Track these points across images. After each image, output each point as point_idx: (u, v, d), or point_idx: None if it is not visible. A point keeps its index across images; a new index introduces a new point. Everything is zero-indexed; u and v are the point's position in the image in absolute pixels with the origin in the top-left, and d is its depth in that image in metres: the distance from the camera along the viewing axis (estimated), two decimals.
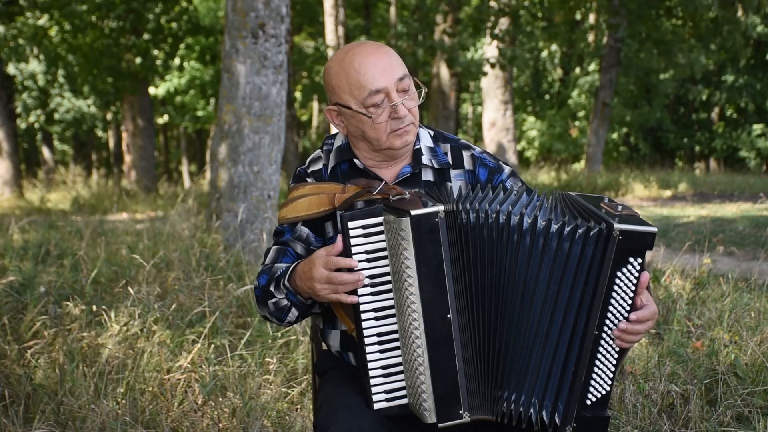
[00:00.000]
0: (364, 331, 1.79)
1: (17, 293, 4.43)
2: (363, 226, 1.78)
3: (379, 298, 1.80)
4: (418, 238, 1.71)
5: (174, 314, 4.03)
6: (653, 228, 1.69)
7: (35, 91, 23.03)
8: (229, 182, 6.12)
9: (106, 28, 16.20)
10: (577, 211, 1.77)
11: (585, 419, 1.74)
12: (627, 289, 1.71)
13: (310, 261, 1.83)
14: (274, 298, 1.93)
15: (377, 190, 1.86)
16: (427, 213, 1.72)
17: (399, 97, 1.89)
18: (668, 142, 27.03)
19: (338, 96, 1.93)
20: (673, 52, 16.57)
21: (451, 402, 1.75)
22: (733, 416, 3.02)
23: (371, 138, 1.93)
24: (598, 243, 1.69)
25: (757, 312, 4.01)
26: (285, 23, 6.20)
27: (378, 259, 1.79)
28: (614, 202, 1.77)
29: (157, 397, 3.24)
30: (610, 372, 1.75)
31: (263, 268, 2.00)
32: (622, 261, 1.68)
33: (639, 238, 1.68)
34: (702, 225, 8.34)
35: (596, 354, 1.73)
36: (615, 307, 1.72)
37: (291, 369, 3.60)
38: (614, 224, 1.67)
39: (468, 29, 17.48)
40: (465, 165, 2.03)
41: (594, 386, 1.74)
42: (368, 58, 1.89)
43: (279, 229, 2.03)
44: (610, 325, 1.72)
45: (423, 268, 1.72)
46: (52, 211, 11.97)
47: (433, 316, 1.73)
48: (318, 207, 1.95)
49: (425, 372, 1.74)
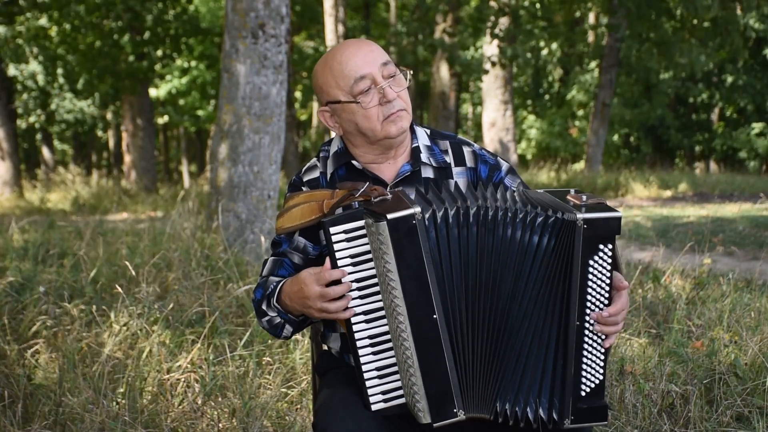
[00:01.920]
0: (356, 335, 1.79)
1: (17, 293, 4.42)
2: (345, 230, 1.77)
3: (367, 301, 1.79)
4: (397, 241, 1.70)
5: (174, 314, 4.03)
6: (617, 213, 1.69)
7: (35, 92, 23.02)
8: (229, 182, 6.12)
9: (105, 28, 16.19)
10: (539, 204, 1.77)
11: (582, 410, 1.75)
12: (602, 275, 1.72)
13: (299, 280, 1.83)
14: (267, 316, 1.95)
15: (359, 192, 1.86)
16: (404, 216, 1.70)
17: (385, 81, 1.90)
18: (669, 140, 27.00)
19: (326, 93, 1.95)
20: (672, 51, 16.57)
21: (444, 401, 1.75)
22: (733, 416, 3.02)
23: (365, 129, 1.93)
24: (563, 234, 1.71)
25: (757, 312, 4.01)
26: (285, 23, 6.20)
27: (363, 263, 1.78)
28: (580, 193, 1.78)
29: (157, 397, 3.24)
30: (600, 361, 1.76)
31: (260, 281, 2.01)
32: (592, 249, 1.69)
33: (604, 224, 1.69)
34: (702, 225, 8.34)
35: (582, 345, 1.74)
36: (593, 295, 1.73)
37: (290, 369, 3.60)
38: (576, 214, 1.68)
39: (468, 29, 17.48)
40: (467, 162, 2.03)
41: (586, 377, 1.75)
42: (348, 49, 1.92)
43: (277, 240, 2.03)
44: (590, 314, 1.73)
45: (404, 270, 1.71)
46: (52, 211, 11.98)
47: (419, 317, 1.73)
48: (310, 215, 1.94)
49: (416, 373, 1.74)
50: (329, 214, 1.88)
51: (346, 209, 1.88)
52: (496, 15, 15.07)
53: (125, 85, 16.56)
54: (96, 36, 16.32)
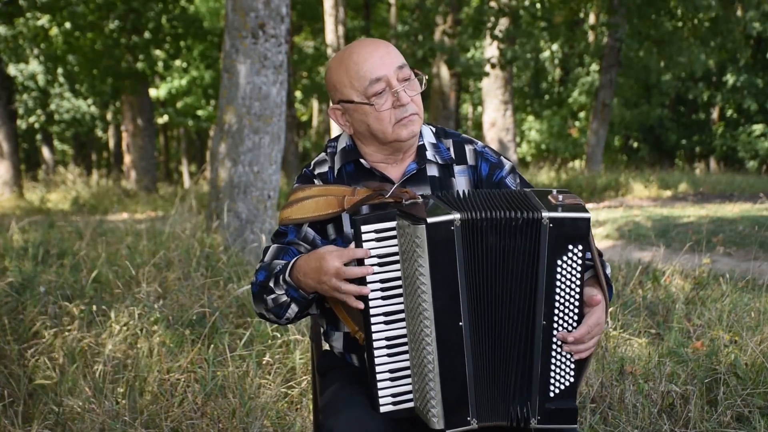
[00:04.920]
0: (374, 335, 1.77)
1: (17, 293, 4.42)
2: (376, 230, 1.76)
3: (388, 303, 1.78)
4: (433, 246, 1.70)
5: (174, 314, 4.03)
6: (586, 214, 1.69)
7: (35, 92, 23.02)
8: (229, 182, 6.12)
9: (106, 28, 16.19)
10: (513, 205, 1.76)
11: (549, 411, 1.75)
12: (572, 277, 1.71)
13: (318, 255, 1.79)
14: (272, 294, 1.89)
15: (389, 193, 1.85)
16: (443, 221, 1.70)
17: (400, 85, 1.90)
18: (668, 140, 26.99)
19: (340, 92, 1.94)
20: (672, 51, 16.57)
21: (460, 408, 1.75)
22: (733, 416, 3.02)
23: (377, 131, 1.92)
24: (530, 232, 1.70)
25: (757, 312, 4.01)
26: (285, 23, 6.20)
27: (389, 264, 1.77)
28: (563, 193, 1.77)
29: (157, 397, 3.24)
30: (569, 363, 1.75)
31: (261, 265, 1.97)
32: (560, 249, 1.69)
33: (572, 224, 1.68)
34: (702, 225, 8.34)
35: (550, 345, 1.74)
36: (562, 296, 1.72)
37: (290, 369, 3.60)
38: (542, 213, 1.67)
39: (468, 30, 17.47)
40: (468, 160, 2.03)
41: (555, 378, 1.75)
42: (366, 49, 1.91)
43: (281, 230, 2.00)
44: (561, 315, 1.73)
45: (437, 275, 1.71)
46: (52, 211, 11.97)
47: (446, 323, 1.72)
48: (326, 209, 1.93)
49: (435, 378, 1.73)
50: (352, 211, 1.87)
51: (373, 209, 1.87)
52: (496, 16, 15.06)
53: (126, 85, 16.56)
54: (96, 36, 16.31)
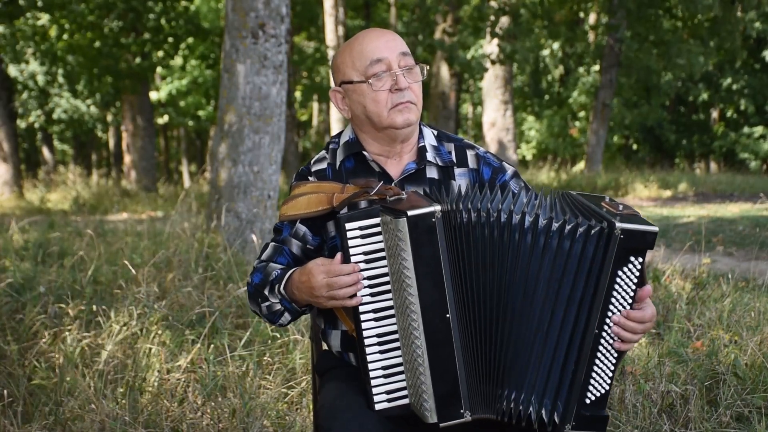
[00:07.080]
0: (364, 332, 1.79)
1: (17, 293, 4.42)
2: (360, 227, 1.78)
3: (378, 299, 1.80)
4: (415, 239, 1.71)
5: (174, 314, 4.03)
6: (654, 228, 1.69)
7: (35, 92, 23.01)
8: (229, 182, 6.12)
9: (105, 28, 16.19)
10: (578, 209, 1.77)
11: (584, 418, 1.74)
12: (627, 288, 1.71)
13: (308, 271, 1.83)
14: (267, 301, 1.94)
15: (374, 190, 1.86)
16: (423, 213, 1.71)
17: (400, 70, 1.92)
18: (668, 140, 26.98)
19: (342, 72, 1.97)
20: (672, 52, 16.57)
21: (452, 402, 1.75)
22: (733, 416, 3.02)
23: (372, 113, 1.93)
24: (600, 241, 1.69)
25: (757, 312, 4.00)
26: (285, 23, 6.20)
27: (376, 260, 1.79)
28: (615, 202, 1.77)
29: (157, 397, 3.24)
30: (609, 371, 1.75)
31: (258, 265, 2.01)
32: (623, 260, 1.68)
33: (641, 237, 1.67)
34: (702, 225, 8.33)
35: (596, 353, 1.73)
36: (615, 306, 1.72)
37: (290, 369, 3.60)
38: (616, 223, 1.67)
39: (468, 28, 17.46)
40: (469, 164, 2.03)
41: (593, 385, 1.75)
42: (372, 33, 1.97)
43: (278, 226, 2.05)
44: (610, 324, 1.72)
45: (421, 268, 1.71)
46: (52, 211, 11.97)
47: (433, 316, 1.73)
48: (317, 206, 1.95)
49: (425, 372, 1.74)
50: (340, 209, 1.89)
51: (358, 206, 1.88)
52: (496, 14, 15.06)
53: (125, 84, 16.56)
54: (96, 36, 16.30)
